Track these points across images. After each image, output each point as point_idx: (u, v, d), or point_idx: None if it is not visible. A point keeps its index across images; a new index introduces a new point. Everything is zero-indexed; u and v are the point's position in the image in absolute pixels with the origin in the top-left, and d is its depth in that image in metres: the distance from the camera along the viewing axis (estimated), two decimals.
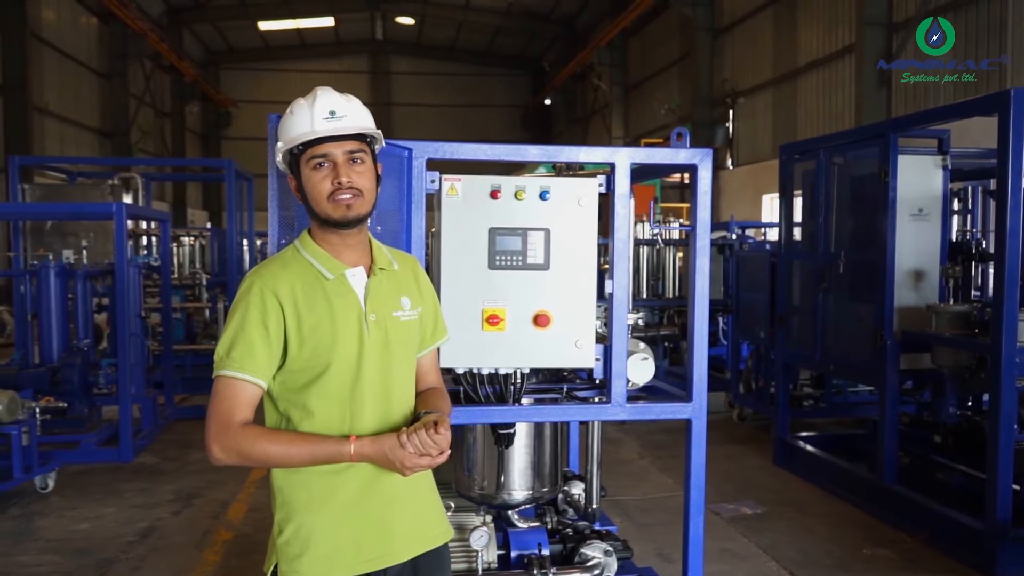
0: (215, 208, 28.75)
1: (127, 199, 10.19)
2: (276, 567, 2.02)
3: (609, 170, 2.89)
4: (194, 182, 28.21)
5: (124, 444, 6.77)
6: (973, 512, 4.69)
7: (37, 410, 5.89)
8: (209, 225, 17.70)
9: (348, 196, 1.95)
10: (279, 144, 2.04)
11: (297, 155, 1.99)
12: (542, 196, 2.78)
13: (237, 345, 1.91)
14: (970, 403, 6.00)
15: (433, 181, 2.80)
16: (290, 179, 2.06)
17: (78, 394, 6.74)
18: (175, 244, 11.45)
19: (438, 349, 2.29)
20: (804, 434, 6.84)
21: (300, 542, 1.98)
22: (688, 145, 2.98)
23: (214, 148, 30.39)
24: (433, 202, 2.87)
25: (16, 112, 16.89)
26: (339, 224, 1.97)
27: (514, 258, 2.79)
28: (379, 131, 2.08)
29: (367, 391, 2.00)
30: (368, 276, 2.05)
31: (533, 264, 2.80)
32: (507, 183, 2.78)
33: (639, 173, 3.58)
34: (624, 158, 2.86)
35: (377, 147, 2.09)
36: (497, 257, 2.78)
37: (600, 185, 2.88)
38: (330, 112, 1.97)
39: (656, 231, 8.87)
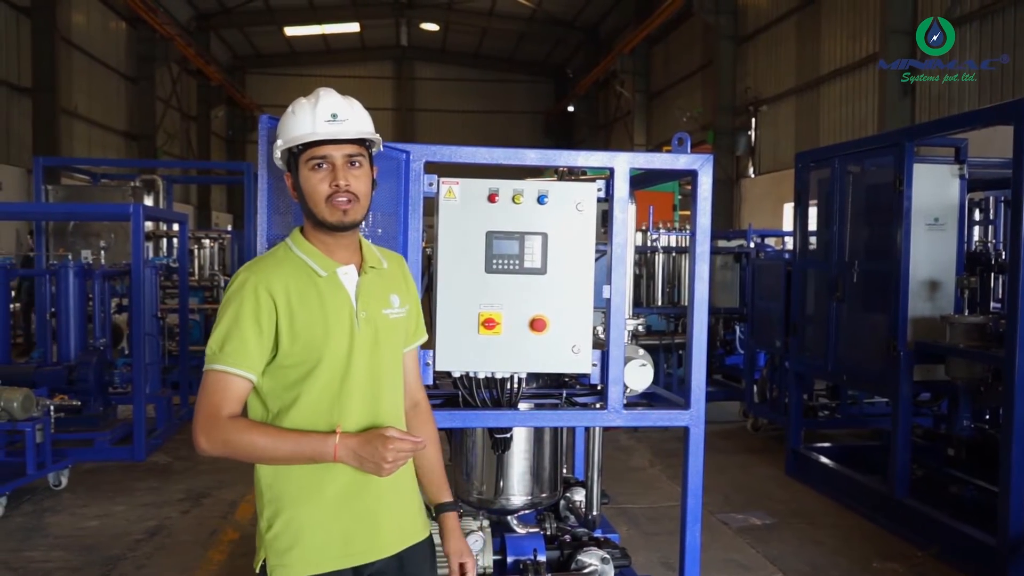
0: (239, 211, 29.01)
1: (148, 201, 10.32)
2: (264, 563, 2.04)
3: (609, 175, 2.88)
4: (219, 185, 28.50)
5: (137, 443, 6.84)
6: (986, 527, 4.61)
7: (51, 408, 5.96)
8: (230, 228, 17.82)
9: (345, 200, 1.98)
10: (278, 142, 2.07)
11: (296, 154, 2.01)
12: (540, 200, 2.77)
13: (231, 340, 1.93)
14: (987, 416, 5.91)
15: (431, 184, 2.81)
16: (287, 177, 2.09)
17: (93, 393, 6.81)
18: (196, 246, 11.55)
19: (419, 350, 2.34)
20: (817, 445, 6.77)
21: (290, 535, 2.00)
22: (689, 150, 2.96)
23: (239, 152, 30.71)
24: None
25: (45, 114, 17.20)
26: (335, 227, 2.01)
27: (511, 262, 2.78)
28: (378, 135, 2.11)
29: (355, 387, 2.03)
30: (359, 274, 2.08)
31: (530, 268, 2.78)
32: (505, 187, 2.77)
33: (645, 179, 3.57)
34: (623, 163, 2.85)
35: (374, 151, 2.12)
36: (494, 261, 2.77)
37: (599, 190, 2.87)
38: (332, 115, 1.99)
39: (655, 237, 8.83)
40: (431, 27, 29.78)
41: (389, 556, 2.09)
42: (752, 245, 9.64)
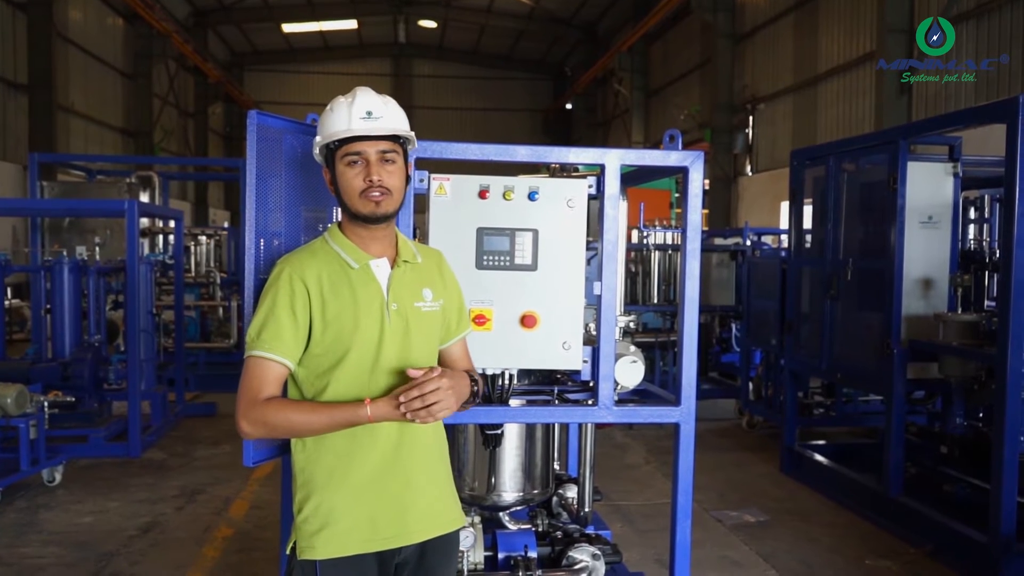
0: (236, 208, 28.99)
1: (144, 197, 10.31)
2: (295, 546, 2.11)
3: (600, 171, 2.88)
4: (217, 182, 28.50)
5: (132, 439, 6.83)
6: (978, 525, 4.62)
7: (45, 404, 5.95)
8: (227, 224, 17.81)
9: (378, 194, 2.06)
10: (317, 139, 2.16)
11: (333, 150, 2.11)
12: (531, 196, 2.77)
13: (267, 327, 2.03)
14: (980, 414, 5.91)
15: (422, 180, 2.80)
16: (325, 172, 2.18)
17: (88, 389, 6.80)
18: (192, 243, 11.53)
19: (465, 340, 2.38)
20: (811, 443, 6.77)
21: (319, 519, 2.07)
22: (681, 147, 2.96)
23: (237, 149, 30.65)
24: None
25: (41, 111, 17.16)
26: (368, 219, 2.08)
27: (501, 258, 2.77)
28: (412, 132, 2.18)
29: (384, 377, 2.09)
30: (392, 267, 2.15)
31: (521, 265, 2.78)
32: (496, 183, 2.77)
33: (639, 176, 3.56)
34: (614, 159, 2.84)
35: (410, 148, 2.19)
36: (485, 257, 2.77)
37: (590, 186, 2.87)
38: (367, 112, 2.08)
39: (646, 234, 8.83)
40: (429, 24, 29.75)
41: (416, 544, 2.14)
42: (748, 243, 9.65)
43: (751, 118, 18.63)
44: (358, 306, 2.07)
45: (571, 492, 3.70)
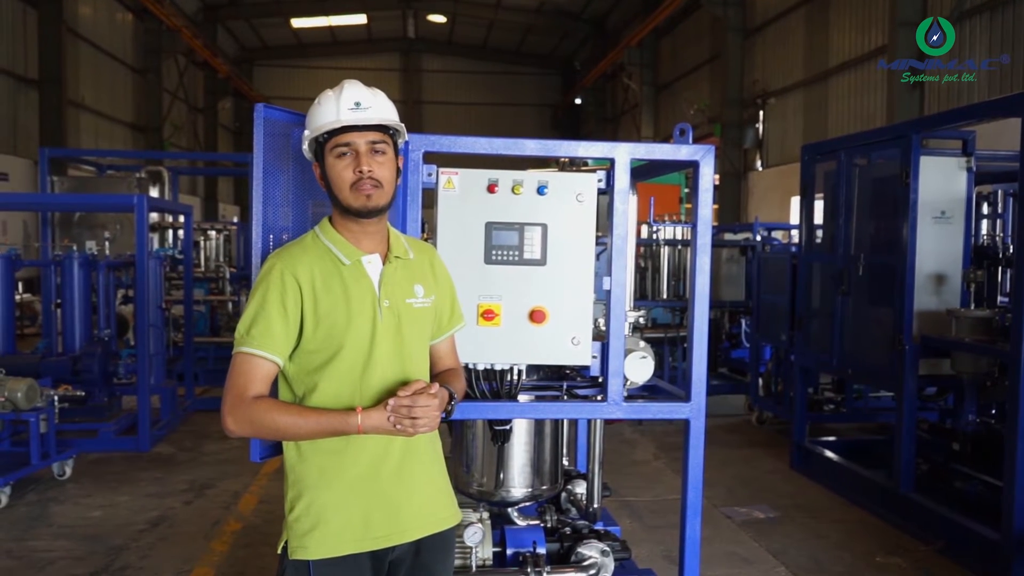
0: (246, 203, 29.04)
1: (154, 192, 10.34)
2: (286, 545, 2.09)
3: (609, 166, 2.86)
4: (226, 177, 28.55)
5: (142, 434, 6.85)
6: (990, 522, 4.58)
7: (55, 398, 5.97)
8: (236, 219, 17.82)
9: (369, 186, 2.03)
10: (305, 132, 2.13)
11: (322, 144, 2.07)
12: (540, 191, 2.75)
13: (257, 323, 1.99)
14: (993, 411, 5.87)
15: (430, 174, 2.79)
16: (315, 167, 2.14)
17: (98, 383, 6.83)
18: (202, 237, 11.55)
19: (454, 337, 2.35)
20: (822, 439, 6.74)
21: (311, 518, 2.04)
22: (691, 141, 2.94)
23: (246, 144, 30.61)
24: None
25: (51, 106, 17.23)
26: (359, 213, 2.05)
27: (510, 253, 2.76)
28: (402, 124, 2.15)
29: (377, 374, 2.06)
30: (384, 263, 2.12)
31: (530, 259, 2.77)
32: (504, 177, 2.75)
33: (649, 171, 3.54)
34: (623, 153, 2.82)
35: (400, 140, 2.16)
36: (493, 252, 2.76)
37: (600, 181, 2.85)
38: (355, 103, 2.05)
39: (656, 229, 8.80)
40: (438, 19, 29.71)
41: (410, 542, 2.12)
42: (758, 238, 9.60)
43: (761, 113, 18.53)
44: (350, 303, 2.04)
45: (580, 488, 3.68)
